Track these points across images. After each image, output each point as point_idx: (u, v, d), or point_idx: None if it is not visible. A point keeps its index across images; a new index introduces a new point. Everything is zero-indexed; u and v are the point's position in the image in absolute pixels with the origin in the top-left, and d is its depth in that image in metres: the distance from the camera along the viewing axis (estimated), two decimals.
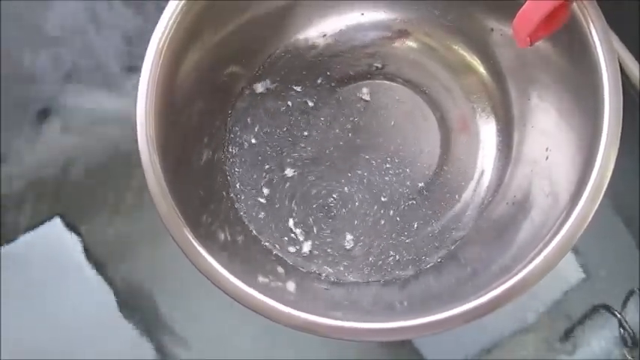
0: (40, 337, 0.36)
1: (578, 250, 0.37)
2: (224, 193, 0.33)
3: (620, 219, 0.37)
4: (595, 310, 0.36)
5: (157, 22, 0.28)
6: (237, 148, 0.34)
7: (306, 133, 0.35)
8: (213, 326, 0.36)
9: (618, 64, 0.25)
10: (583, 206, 0.24)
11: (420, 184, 0.34)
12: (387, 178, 0.34)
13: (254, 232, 0.33)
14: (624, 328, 0.35)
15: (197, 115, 0.32)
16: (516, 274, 0.25)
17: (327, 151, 0.35)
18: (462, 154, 0.34)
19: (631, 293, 0.36)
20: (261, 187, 0.34)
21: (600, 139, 0.25)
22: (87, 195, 0.38)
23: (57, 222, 0.38)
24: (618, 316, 0.35)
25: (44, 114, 0.39)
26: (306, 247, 0.33)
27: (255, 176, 0.34)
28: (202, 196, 0.31)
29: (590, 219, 0.24)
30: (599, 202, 0.24)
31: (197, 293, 0.36)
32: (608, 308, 0.36)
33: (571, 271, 0.37)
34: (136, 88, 0.28)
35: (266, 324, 0.35)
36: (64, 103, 0.40)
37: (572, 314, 0.36)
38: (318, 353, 0.36)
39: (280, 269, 0.32)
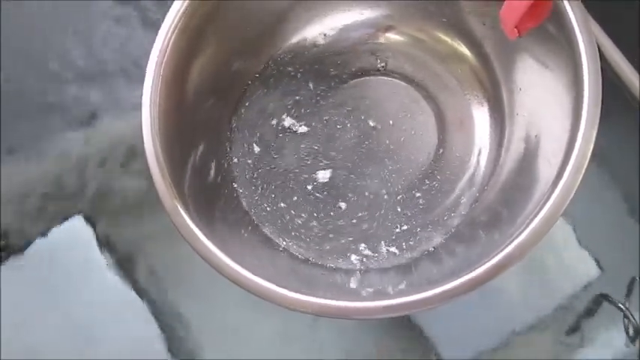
0: (59, 335, 0.37)
1: (590, 244, 0.37)
2: (232, 184, 0.35)
3: (628, 211, 0.37)
4: (600, 300, 0.36)
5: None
6: (241, 143, 0.36)
7: (306, 129, 0.36)
8: (229, 325, 0.36)
9: (597, 47, 0.26)
10: (566, 180, 0.25)
11: (417, 176, 0.35)
12: (387, 169, 0.35)
13: (257, 221, 0.34)
14: (627, 317, 0.35)
15: (201, 113, 0.33)
16: (503, 249, 0.26)
17: (328, 146, 0.36)
18: (458, 145, 0.35)
19: (633, 282, 0.36)
20: (264, 178, 0.35)
21: (581, 121, 0.26)
22: (107, 194, 0.39)
23: (79, 221, 0.38)
24: (620, 305, 0.35)
25: (65, 115, 0.40)
26: (307, 237, 0.34)
27: (259, 170, 0.35)
28: (207, 189, 0.33)
29: (574, 190, 0.25)
30: (582, 174, 0.25)
31: (215, 293, 0.36)
32: (607, 298, 0.36)
33: (584, 266, 0.37)
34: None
35: (282, 322, 0.35)
36: (85, 104, 0.40)
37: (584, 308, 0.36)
38: (334, 351, 0.36)
39: (285, 259, 0.33)
